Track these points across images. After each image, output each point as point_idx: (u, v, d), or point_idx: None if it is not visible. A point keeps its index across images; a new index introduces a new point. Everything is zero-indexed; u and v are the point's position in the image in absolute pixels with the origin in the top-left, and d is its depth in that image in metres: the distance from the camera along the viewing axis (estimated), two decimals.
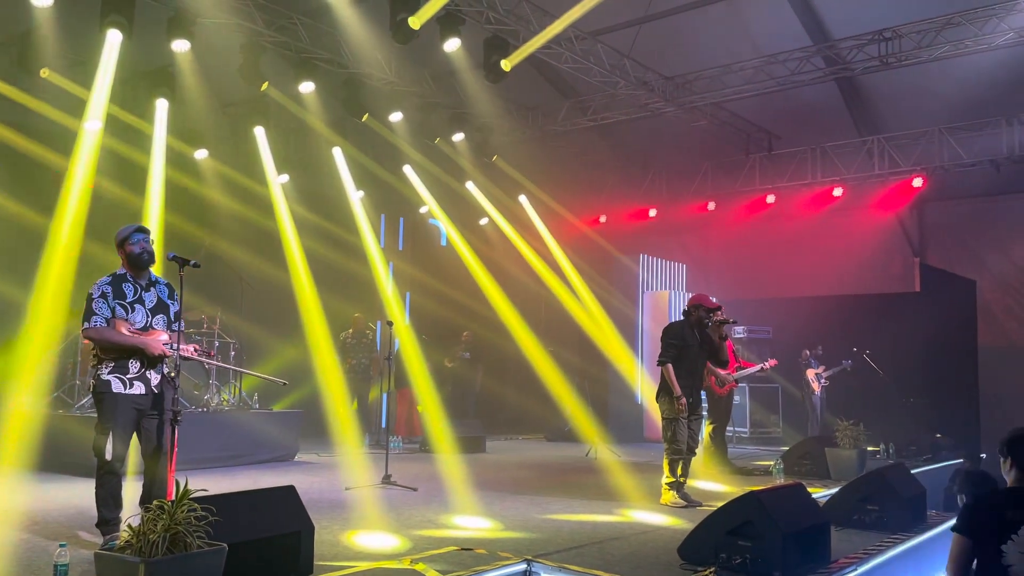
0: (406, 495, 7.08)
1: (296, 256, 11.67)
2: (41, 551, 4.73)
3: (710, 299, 7.12)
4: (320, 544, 4.69)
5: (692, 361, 6.92)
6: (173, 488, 3.68)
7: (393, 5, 8.59)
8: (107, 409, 4.86)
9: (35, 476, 7.62)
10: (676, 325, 7.15)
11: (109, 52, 8.91)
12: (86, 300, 4.88)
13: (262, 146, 11.31)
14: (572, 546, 5.12)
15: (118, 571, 3.39)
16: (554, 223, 14.40)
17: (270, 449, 9.21)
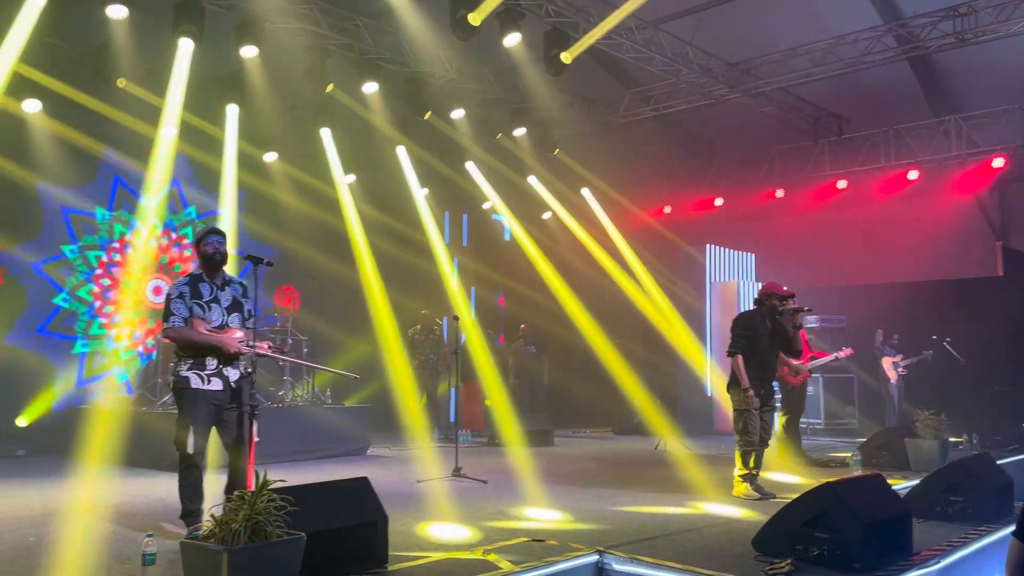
0: (476, 487, 7.15)
1: (364, 254, 11.89)
2: (130, 541, 4.93)
3: (782, 287, 6.95)
4: (394, 535, 4.77)
5: (764, 351, 6.78)
6: (253, 479, 3.80)
7: (453, 2, 8.64)
8: (187, 404, 5.05)
9: (122, 471, 7.95)
10: (746, 315, 7.02)
11: (181, 60, 9.19)
12: (165, 300, 5.07)
13: (329, 147, 11.53)
14: (643, 537, 5.09)
15: (203, 559, 3.51)
16: (618, 215, 14.28)
17: (343, 443, 9.40)
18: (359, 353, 11.40)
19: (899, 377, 11.88)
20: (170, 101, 9.55)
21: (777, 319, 6.88)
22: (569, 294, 13.30)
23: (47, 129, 9.73)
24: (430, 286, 12.96)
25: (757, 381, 6.68)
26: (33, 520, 5.60)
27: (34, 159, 9.75)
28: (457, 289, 13.12)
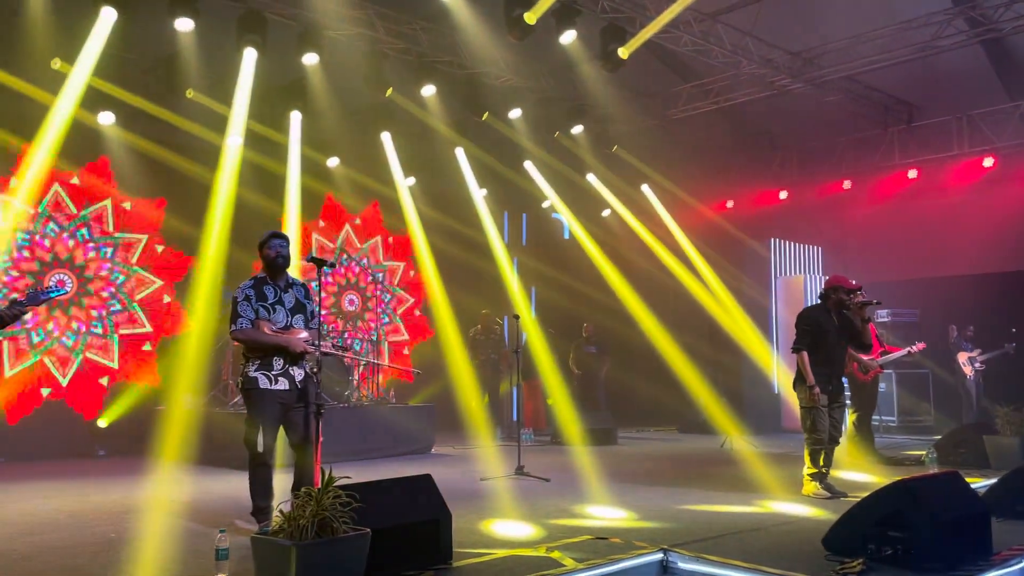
0: (539, 485, 7.15)
1: (424, 255, 12.01)
2: (203, 537, 5.07)
3: (849, 280, 6.76)
4: (458, 532, 4.80)
5: (830, 347, 6.61)
6: (319, 477, 3.88)
7: (508, 2, 8.67)
8: (255, 404, 5.17)
9: (195, 469, 8.22)
10: (811, 310, 6.86)
11: (246, 70, 9.43)
12: (232, 303, 5.20)
13: (389, 150, 11.69)
14: (709, 536, 5.02)
15: (272, 554, 3.60)
16: (679, 211, 14.11)
17: (407, 442, 9.52)
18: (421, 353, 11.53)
19: (976, 372, 11.43)
20: (236, 110, 9.81)
21: (844, 314, 6.69)
22: (630, 292, 13.19)
23: (121, 140, 10.10)
24: (490, 286, 13.02)
25: (824, 378, 6.52)
26: (113, 517, 5.82)
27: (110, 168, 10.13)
28: (517, 289, 13.15)
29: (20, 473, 8.18)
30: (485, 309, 11.85)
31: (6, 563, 4.46)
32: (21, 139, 8.78)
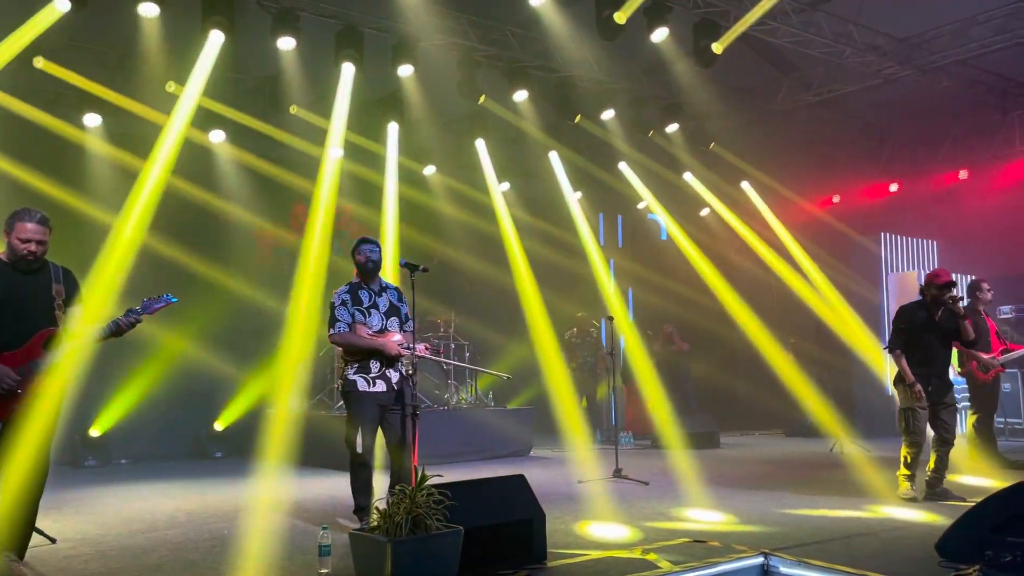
0: (637, 488, 7.07)
1: (519, 259, 12.09)
2: (307, 534, 5.27)
3: (940, 275, 6.44)
4: (553, 533, 4.82)
5: (927, 345, 6.33)
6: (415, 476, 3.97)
7: (598, 3, 8.63)
8: (354, 406, 5.34)
9: (299, 470, 8.54)
10: (906, 307, 6.59)
11: (344, 84, 9.75)
12: (329, 308, 5.40)
13: (483, 157, 11.83)
14: (814, 541, 4.84)
15: (369, 549, 3.70)
16: (781, 208, 13.68)
17: (506, 445, 9.60)
18: (519, 356, 11.59)
19: None
20: (335, 123, 10.15)
21: (948, 309, 6.36)
22: (731, 292, 12.88)
23: (230, 156, 10.63)
24: (585, 288, 12.97)
25: (922, 378, 6.27)
26: (226, 514, 6.12)
27: (221, 185, 10.67)
28: (613, 291, 13.05)
29: (144, 473, 8.72)
30: (580, 312, 11.81)
31: (129, 556, 4.76)
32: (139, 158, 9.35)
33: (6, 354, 4.06)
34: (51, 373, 4.15)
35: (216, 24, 8.02)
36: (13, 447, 4.02)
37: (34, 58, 8.53)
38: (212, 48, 8.61)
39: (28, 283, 4.22)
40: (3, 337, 4.09)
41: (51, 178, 8.90)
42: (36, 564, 4.39)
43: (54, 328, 4.22)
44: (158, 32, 8.44)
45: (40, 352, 4.14)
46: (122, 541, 5.19)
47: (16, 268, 4.20)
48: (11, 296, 4.14)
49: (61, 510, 6.27)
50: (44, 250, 4.24)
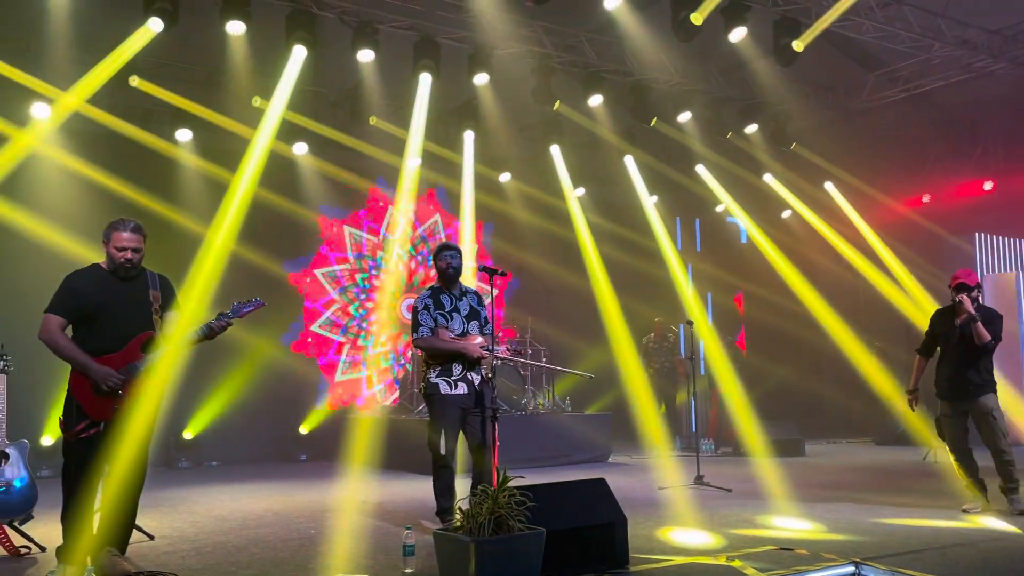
0: (720, 495, 6.94)
1: (595, 264, 12.05)
2: (392, 535, 5.36)
3: (956, 276, 6.15)
4: (634, 538, 4.77)
5: (950, 351, 6.09)
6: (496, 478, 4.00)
7: (674, 4, 8.55)
8: (437, 409, 5.42)
9: (383, 472, 8.69)
10: (937, 311, 6.39)
11: (422, 94, 9.93)
12: (412, 313, 5.49)
13: (558, 163, 11.84)
14: (907, 550, 4.66)
15: (453, 549, 3.75)
16: (867, 208, 13.24)
17: (584, 450, 9.56)
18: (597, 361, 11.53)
19: None
20: (413, 133, 10.34)
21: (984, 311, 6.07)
22: (815, 296, 12.52)
23: (313, 167, 10.94)
24: (663, 293, 12.83)
25: (942, 383, 6.09)
26: (313, 515, 6.28)
27: (305, 195, 10.99)
28: (692, 295, 12.86)
29: (234, 475, 9.02)
30: (657, 317, 11.69)
31: (222, 553, 4.93)
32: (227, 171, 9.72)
33: (107, 357, 4.27)
34: (149, 375, 4.35)
35: (299, 40, 8.29)
36: (114, 447, 4.22)
37: (130, 77, 8.96)
38: (295, 63, 8.89)
39: (127, 290, 4.42)
40: (104, 341, 4.31)
41: (146, 190, 9.33)
42: (136, 559, 4.59)
43: (152, 332, 4.41)
44: (244, 49, 8.76)
45: (139, 355, 4.34)
46: (215, 538, 5.38)
47: (115, 275, 4.41)
48: (111, 302, 4.35)
49: (158, 508, 6.54)
50: (140, 257, 4.44)
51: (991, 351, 6.03)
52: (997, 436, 5.99)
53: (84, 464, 4.21)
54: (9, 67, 8.38)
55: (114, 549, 4.25)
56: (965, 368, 6.03)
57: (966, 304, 5.96)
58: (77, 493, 4.21)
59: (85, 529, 4.24)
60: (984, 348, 5.95)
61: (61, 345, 4.25)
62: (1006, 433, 6.05)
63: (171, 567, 4.52)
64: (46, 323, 4.27)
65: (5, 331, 8.57)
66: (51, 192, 9.15)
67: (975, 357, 6.02)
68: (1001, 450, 5.98)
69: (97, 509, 4.30)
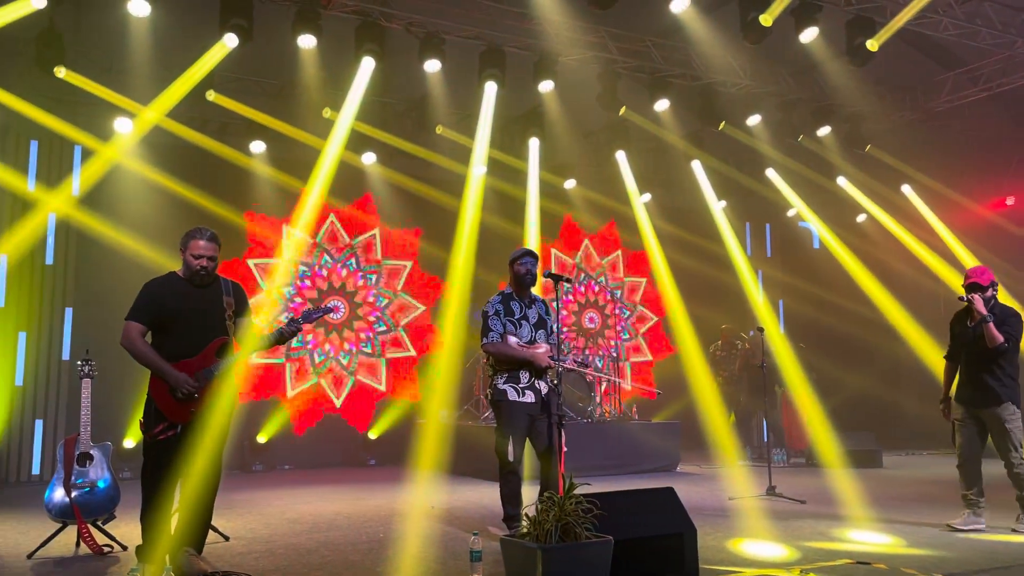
0: (793, 507, 6.76)
1: (662, 270, 11.91)
2: (459, 540, 5.39)
3: (967, 275, 5.85)
4: (704, 549, 4.69)
5: (966, 353, 5.84)
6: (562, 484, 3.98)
7: (743, 5, 8.43)
8: (504, 415, 5.41)
9: (450, 478, 8.74)
10: (955, 314, 6.07)
11: (487, 103, 10.00)
12: (482, 317, 5.50)
13: (624, 168, 11.77)
14: (993, 567, 4.45)
15: (520, 555, 3.74)
16: (946, 211, 12.77)
17: (652, 459, 9.44)
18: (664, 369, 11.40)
19: None
20: (479, 141, 10.42)
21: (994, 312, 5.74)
22: (892, 302, 12.12)
23: (381, 176, 11.12)
24: (733, 300, 12.60)
25: (960, 388, 5.83)
26: (382, 519, 6.35)
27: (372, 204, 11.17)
28: (763, 302, 12.59)
29: (305, 478, 9.21)
30: (725, 324, 11.48)
31: (295, 555, 5.03)
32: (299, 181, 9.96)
33: (184, 362, 4.41)
34: (224, 379, 4.47)
35: (368, 52, 8.45)
36: (191, 449, 4.35)
37: (206, 91, 9.27)
38: (364, 74, 9.06)
39: (202, 296, 4.56)
40: (181, 346, 4.45)
41: (222, 200, 9.63)
42: (212, 559, 4.71)
43: (226, 337, 4.54)
44: (315, 62, 8.98)
45: (214, 359, 4.46)
46: (288, 540, 5.49)
47: (191, 283, 4.55)
48: (188, 309, 4.50)
49: (233, 510, 6.71)
50: (215, 265, 4.57)
51: (1007, 353, 5.69)
52: (1008, 448, 5.71)
53: (162, 465, 4.34)
54: (94, 84, 8.77)
55: (191, 549, 4.37)
56: (980, 372, 5.76)
57: (977, 304, 5.68)
58: (156, 493, 4.35)
59: (163, 529, 4.37)
60: (997, 350, 5.65)
61: (141, 351, 4.41)
62: (1019, 445, 5.67)
63: (245, 567, 4.63)
64: (127, 330, 4.43)
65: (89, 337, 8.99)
66: (132, 203, 9.52)
67: (990, 360, 5.72)
68: (1011, 463, 5.73)
69: (175, 510, 4.44)
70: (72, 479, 5.07)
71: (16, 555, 5.06)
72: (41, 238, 9.33)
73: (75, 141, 9.42)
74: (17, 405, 9.08)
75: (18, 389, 9.11)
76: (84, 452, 5.17)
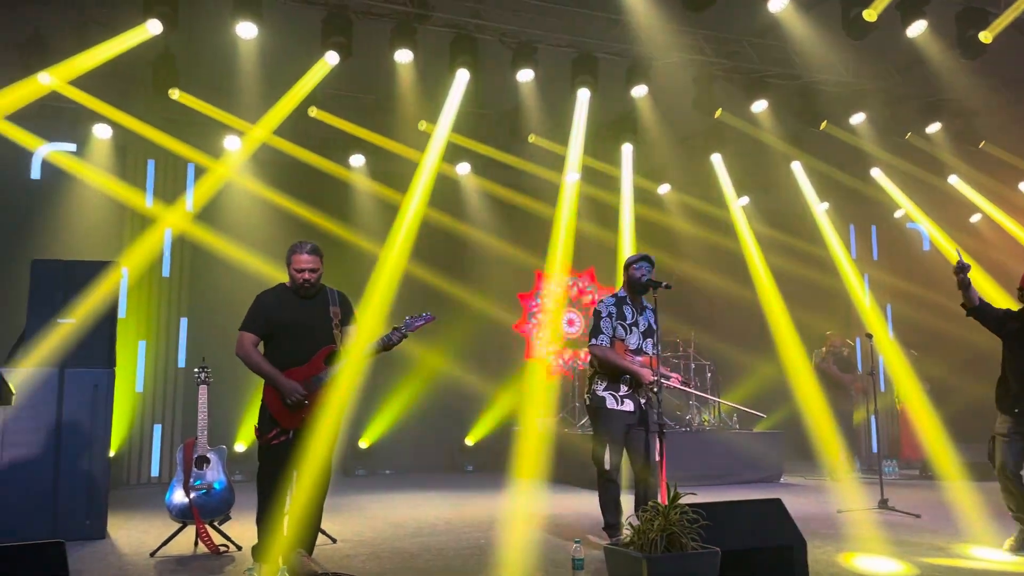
0: (907, 521, 6.47)
1: (762, 275, 11.61)
2: (559, 548, 5.38)
3: None
4: (814, 563, 4.54)
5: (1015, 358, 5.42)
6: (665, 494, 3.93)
7: (845, 2, 8.17)
8: (602, 423, 5.39)
9: (549, 485, 8.75)
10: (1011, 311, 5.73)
11: (580, 110, 9.99)
12: (594, 316, 5.48)
13: (720, 172, 11.54)
14: None
15: (624, 565, 3.71)
16: None
17: (754, 469, 9.20)
18: (766, 376, 11.08)
19: None
20: (572, 149, 10.42)
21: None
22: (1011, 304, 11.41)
23: (475, 186, 11.27)
24: (837, 305, 12.16)
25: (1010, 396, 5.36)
26: (481, 525, 6.41)
27: (467, 213, 11.33)
28: (870, 307, 12.11)
29: (405, 483, 9.39)
30: (829, 330, 11.08)
31: (400, 559, 5.13)
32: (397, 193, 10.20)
33: (293, 370, 4.58)
34: (332, 386, 4.61)
35: (463, 64, 8.58)
36: (302, 454, 4.51)
37: (308, 108, 9.61)
38: (459, 87, 9.20)
39: (309, 307, 4.73)
40: (291, 355, 4.63)
41: (324, 213, 9.96)
42: (321, 560, 4.87)
43: (333, 346, 4.69)
44: (411, 76, 9.18)
45: (322, 367, 4.62)
46: (392, 544, 5.61)
47: (298, 294, 4.73)
48: (296, 319, 4.67)
49: (339, 513, 6.91)
50: (317, 276, 4.73)
51: None
52: None
53: (276, 469, 4.52)
54: (205, 104, 9.21)
55: (303, 550, 4.53)
56: None
57: None
58: (270, 496, 4.52)
59: (277, 530, 4.55)
60: None
61: (254, 360, 4.60)
62: None
63: (353, 570, 4.76)
64: (240, 340, 4.64)
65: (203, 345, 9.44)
66: (242, 217, 9.96)
67: None
68: None
69: (287, 512, 4.60)
70: (191, 481, 5.33)
71: (140, 553, 5.35)
72: (158, 252, 9.86)
73: (188, 159, 9.94)
74: (138, 410, 9.62)
75: (139, 395, 9.64)
76: (202, 455, 5.43)
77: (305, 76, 8.95)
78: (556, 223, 10.80)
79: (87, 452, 5.87)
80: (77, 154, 9.62)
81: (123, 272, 9.61)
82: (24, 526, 5.56)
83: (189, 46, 8.78)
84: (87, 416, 5.91)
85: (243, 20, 7.59)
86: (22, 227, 9.22)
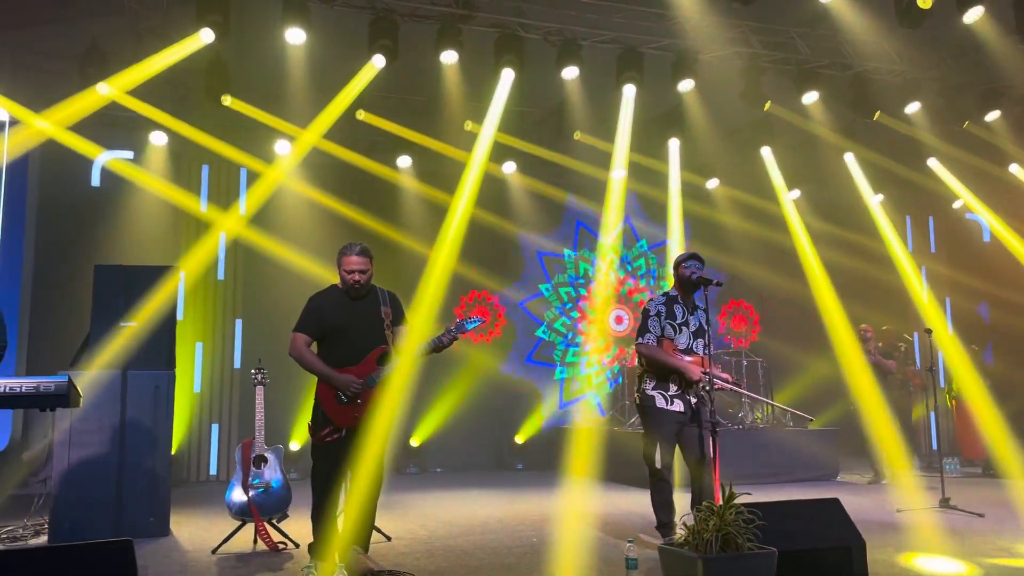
0: (970, 520, 6.30)
1: (815, 269, 11.40)
2: (612, 547, 5.37)
3: None
4: (874, 563, 4.45)
5: None
6: (719, 493, 3.89)
7: None
8: (653, 422, 5.35)
9: (600, 484, 8.73)
10: None
11: (626, 106, 9.94)
12: (643, 315, 5.45)
13: (770, 165, 11.37)
14: None
15: (679, 564, 3.69)
16: None
17: (808, 468, 9.06)
18: (820, 373, 10.88)
19: None
20: (618, 145, 10.37)
21: None
22: None
23: (521, 185, 11.29)
24: (893, 299, 11.87)
25: None
26: (533, 523, 6.43)
27: (513, 212, 11.36)
28: (928, 300, 11.80)
29: (456, 481, 9.45)
30: (885, 325, 10.83)
31: (453, 557, 5.18)
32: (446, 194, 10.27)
33: (346, 370, 4.65)
34: (385, 386, 4.67)
35: (508, 63, 8.60)
36: (356, 452, 4.57)
37: (356, 111, 9.73)
38: (504, 86, 9.22)
39: (360, 308, 4.79)
40: (344, 355, 4.69)
41: (373, 214, 10.08)
42: (377, 558, 4.93)
43: (385, 346, 4.74)
44: (456, 77, 9.23)
45: (374, 368, 4.68)
46: (446, 542, 5.66)
47: (349, 295, 4.79)
48: (348, 320, 4.73)
49: (392, 511, 6.99)
50: (367, 277, 4.78)
51: None
52: None
53: (329, 467, 4.59)
54: (257, 110, 9.40)
55: (359, 548, 4.60)
56: None
57: None
58: (324, 494, 4.60)
59: (332, 527, 4.62)
60: None
61: (308, 360, 4.68)
62: None
63: (408, 567, 4.82)
64: (294, 341, 4.72)
65: (257, 346, 9.62)
66: (294, 220, 10.14)
67: None
68: None
69: (341, 510, 4.68)
70: (249, 480, 5.45)
71: (202, 550, 5.48)
72: (214, 255, 10.09)
73: (241, 164, 10.14)
74: (195, 411, 9.86)
75: (196, 395, 9.88)
76: (259, 455, 5.54)
77: (353, 80, 9.07)
78: (604, 219, 10.76)
79: (150, 451, 6.04)
80: (134, 161, 9.90)
81: (181, 276, 9.86)
82: (90, 523, 5.74)
83: (240, 53, 8.96)
84: (149, 416, 6.08)
85: (292, 26, 7.72)
86: (84, 233, 9.51)
